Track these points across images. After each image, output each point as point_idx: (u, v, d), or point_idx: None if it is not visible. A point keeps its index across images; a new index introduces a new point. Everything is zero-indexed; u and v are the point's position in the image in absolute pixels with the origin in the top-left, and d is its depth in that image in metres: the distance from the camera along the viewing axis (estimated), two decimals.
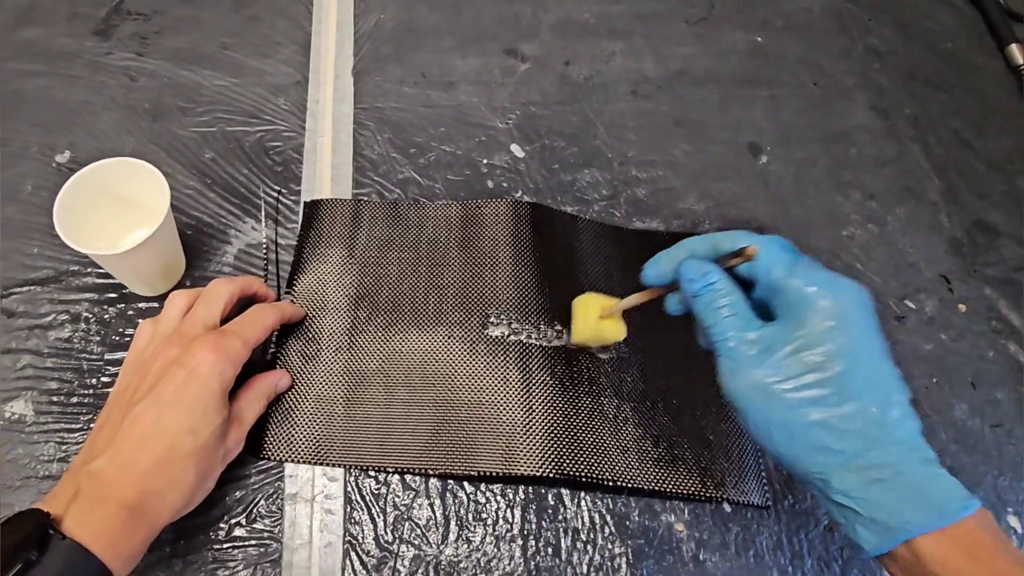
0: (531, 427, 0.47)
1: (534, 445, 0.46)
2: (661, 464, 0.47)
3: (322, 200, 0.57)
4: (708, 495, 0.47)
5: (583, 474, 0.46)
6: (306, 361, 0.49)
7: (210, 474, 0.41)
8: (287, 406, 0.47)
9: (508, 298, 0.52)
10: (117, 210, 0.48)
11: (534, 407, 0.48)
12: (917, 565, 0.34)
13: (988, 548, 0.33)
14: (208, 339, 0.41)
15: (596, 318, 0.45)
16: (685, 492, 0.47)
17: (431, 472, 0.46)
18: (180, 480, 0.39)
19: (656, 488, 0.46)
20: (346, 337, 0.50)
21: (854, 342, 0.35)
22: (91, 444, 0.40)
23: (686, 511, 0.47)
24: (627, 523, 0.46)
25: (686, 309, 0.41)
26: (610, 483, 0.46)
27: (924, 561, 0.33)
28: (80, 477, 0.37)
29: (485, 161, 0.61)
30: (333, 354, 0.50)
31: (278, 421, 0.47)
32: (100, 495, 0.36)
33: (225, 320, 0.45)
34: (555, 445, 0.46)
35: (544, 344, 0.50)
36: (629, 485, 0.46)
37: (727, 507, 0.47)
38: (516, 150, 0.63)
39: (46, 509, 0.35)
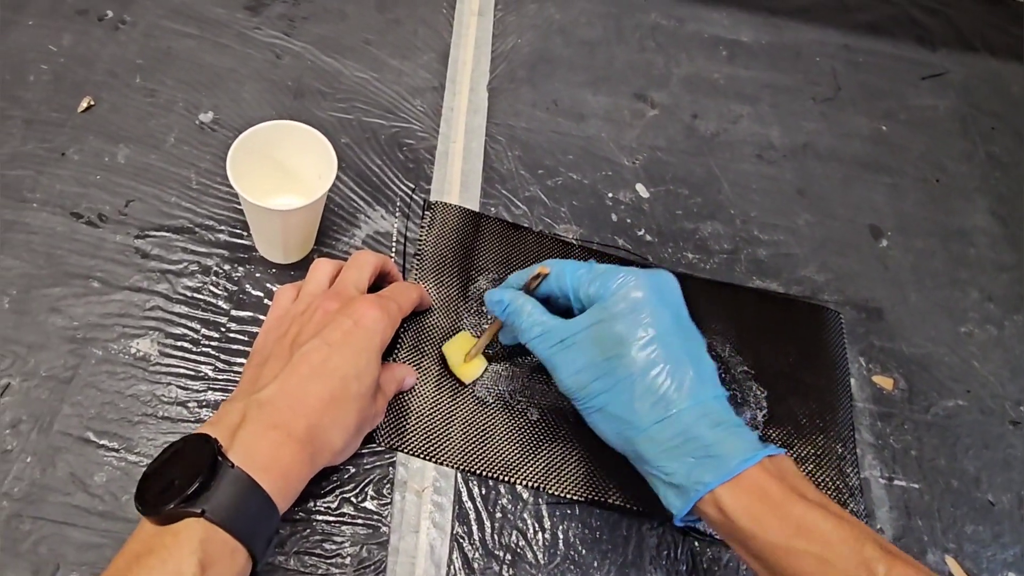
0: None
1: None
2: None
3: (446, 204, 0.56)
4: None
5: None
6: (422, 357, 0.48)
7: (364, 427, 0.40)
8: (404, 397, 0.46)
9: None
10: (271, 173, 0.47)
11: None
12: (725, 519, 0.35)
13: (777, 493, 0.34)
14: (370, 297, 0.41)
15: (461, 362, 0.48)
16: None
17: (532, 486, 0.45)
18: (344, 421, 0.38)
19: None
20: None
21: (632, 328, 0.37)
22: (254, 376, 0.38)
23: None
24: None
25: (515, 337, 0.44)
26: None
27: (727, 512, 0.35)
28: (249, 404, 0.36)
29: (610, 195, 0.61)
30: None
31: (394, 409, 0.46)
32: (271, 422, 0.35)
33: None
34: None
35: None
36: None
37: None
38: (641, 190, 0.62)
39: (213, 435, 0.33)
